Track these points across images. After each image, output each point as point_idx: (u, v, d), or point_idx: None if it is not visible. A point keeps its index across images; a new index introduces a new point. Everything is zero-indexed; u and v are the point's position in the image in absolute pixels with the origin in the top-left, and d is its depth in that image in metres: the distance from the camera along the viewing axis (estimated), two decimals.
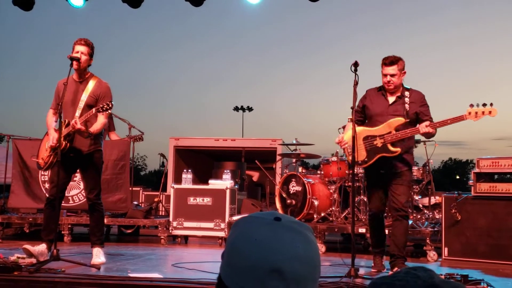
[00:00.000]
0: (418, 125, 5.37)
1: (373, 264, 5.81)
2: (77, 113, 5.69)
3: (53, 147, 5.69)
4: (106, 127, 8.22)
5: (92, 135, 5.70)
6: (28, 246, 5.56)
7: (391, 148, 5.41)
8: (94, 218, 5.95)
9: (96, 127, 5.71)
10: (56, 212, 5.71)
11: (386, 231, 6.20)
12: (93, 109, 5.61)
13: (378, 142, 5.46)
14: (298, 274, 1.08)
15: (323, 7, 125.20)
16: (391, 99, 5.58)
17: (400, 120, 5.39)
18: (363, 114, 5.75)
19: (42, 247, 5.71)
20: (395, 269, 5.41)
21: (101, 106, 5.58)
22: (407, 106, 5.46)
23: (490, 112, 5.10)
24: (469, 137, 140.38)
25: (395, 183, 5.51)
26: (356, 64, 5.31)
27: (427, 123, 5.28)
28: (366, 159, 5.55)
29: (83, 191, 5.99)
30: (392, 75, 5.47)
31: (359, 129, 5.53)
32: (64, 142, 5.62)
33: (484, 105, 5.11)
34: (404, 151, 5.52)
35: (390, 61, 5.47)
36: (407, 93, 5.55)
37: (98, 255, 5.79)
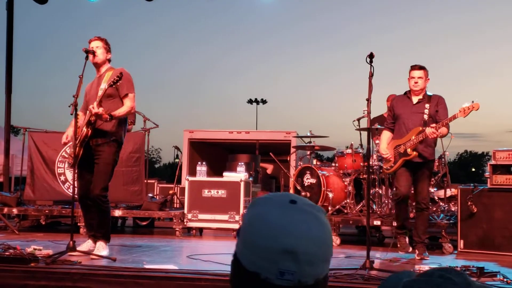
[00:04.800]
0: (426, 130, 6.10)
1: (399, 245, 6.54)
2: (95, 104, 5.68)
3: (65, 144, 5.70)
4: (133, 118, 8.20)
5: (113, 118, 5.61)
6: (78, 249, 5.53)
7: (409, 152, 6.22)
8: (98, 214, 5.79)
9: (119, 110, 5.66)
10: (89, 208, 5.86)
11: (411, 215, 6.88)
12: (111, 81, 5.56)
13: (401, 149, 6.30)
14: (311, 255, 1.12)
15: (340, 5, 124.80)
16: (415, 99, 6.36)
17: (417, 129, 6.20)
18: (394, 119, 6.52)
19: (88, 244, 5.83)
20: (416, 251, 6.27)
21: (113, 80, 5.52)
22: (427, 105, 6.28)
23: (473, 107, 5.87)
24: (484, 129, 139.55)
25: (419, 176, 6.32)
26: (371, 56, 5.45)
27: (433, 125, 6.07)
28: (392, 165, 6.45)
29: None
30: (419, 77, 6.28)
31: (391, 142, 6.50)
32: (88, 129, 5.62)
33: (473, 102, 5.92)
34: (428, 145, 6.29)
35: (418, 66, 6.33)
36: (428, 98, 6.34)
37: (99, 249, 5.67)
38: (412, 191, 6.50)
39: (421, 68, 6.33)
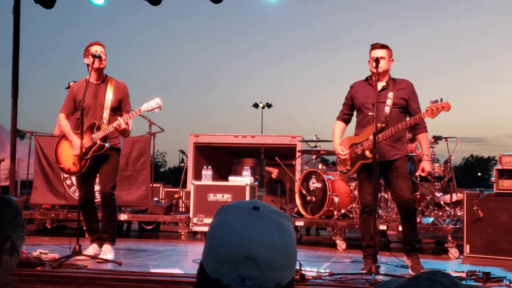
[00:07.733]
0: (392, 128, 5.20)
1: (363, 265, 5.40)
2: (105, 114, 5.77)
3: (80, 155, 5.68)
4: None
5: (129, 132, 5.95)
6: (84, 253, 5.56)
7: (367, 154, 5.33)
8: (106, 214, 5.88)
9: (131, 125, 5.89)
10: (91, 211, 5.94)
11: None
12: (141, 108, 5.77)
13: (359, 150, 5.44)
14: (272, 261, 1.13)
15: (345, 9, 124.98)
16: (379, 86, 5.39)
17: (377, 125, 5.17)
18: (351, 110, 5.66)
19: (93, 248, 5.86)
20: (409, 262, 5.40)
21: (154, 108, 5.82)
22: (390, 94, 5.31)
23: (443, 107, 5.05)
24: (490, 133, 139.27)
25: (391, 174, 5.37)
26: (377, 61, 5.32)
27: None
28: (349, 168, 5.55)
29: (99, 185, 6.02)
30: (381, 57, 5.34)
31: (345, 138, 5.61)
32: (104, 145, 5.76)
33: (441, 100, 5.07)
34: (394, 140, 5.35)
35: (380, 45, 5.43)
36: (392, 84, 5.42)
37: (106, 252, 5.72)
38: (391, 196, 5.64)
39: (383, 46, 5.40)
